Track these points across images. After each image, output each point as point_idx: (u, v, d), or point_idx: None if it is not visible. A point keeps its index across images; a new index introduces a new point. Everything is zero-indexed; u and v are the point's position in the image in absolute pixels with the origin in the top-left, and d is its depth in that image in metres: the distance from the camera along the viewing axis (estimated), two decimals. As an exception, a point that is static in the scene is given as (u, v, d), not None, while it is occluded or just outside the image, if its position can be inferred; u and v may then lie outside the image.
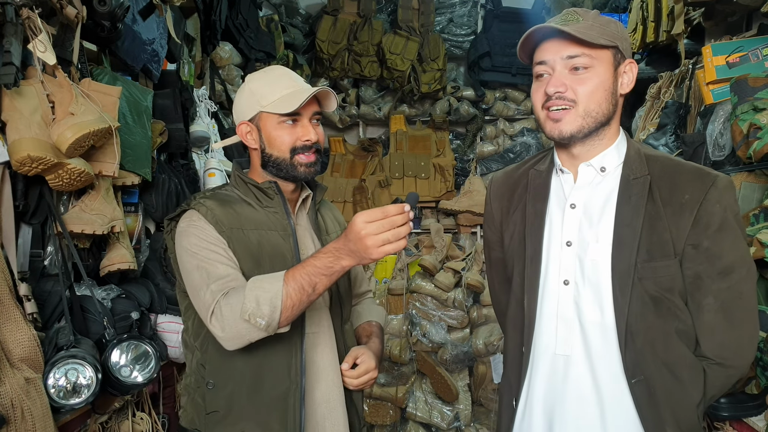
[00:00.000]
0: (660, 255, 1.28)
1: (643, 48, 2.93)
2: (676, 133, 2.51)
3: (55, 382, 1.61)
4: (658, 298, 1.29)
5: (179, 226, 1.49)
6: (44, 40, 1.65)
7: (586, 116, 1.29)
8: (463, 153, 4.92)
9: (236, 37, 3.54)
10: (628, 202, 1.30)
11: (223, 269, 1.41)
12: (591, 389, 1.33)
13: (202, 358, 1.52)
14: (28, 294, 1.66)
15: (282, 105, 1.49)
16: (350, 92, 4.93)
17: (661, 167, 1.33)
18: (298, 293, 1.32)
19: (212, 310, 1.35)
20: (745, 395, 1.78)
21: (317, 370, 1.55)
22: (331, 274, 1.33)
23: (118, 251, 2.00)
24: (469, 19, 5.02)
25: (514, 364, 1.46)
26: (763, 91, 1.84)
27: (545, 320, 1.38)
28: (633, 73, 1.33)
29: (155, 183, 2.30)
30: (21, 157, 1.59)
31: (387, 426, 4.01)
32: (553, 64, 1.30)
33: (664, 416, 1.29)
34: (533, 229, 1.40)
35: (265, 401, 1.47)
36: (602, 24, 1.29)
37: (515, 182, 1.50)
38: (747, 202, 1.96)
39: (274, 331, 1.35)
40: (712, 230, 1.26)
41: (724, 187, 1.28)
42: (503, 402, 1.51)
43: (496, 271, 1.60)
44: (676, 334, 1.30)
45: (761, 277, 1.81)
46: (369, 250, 1.24)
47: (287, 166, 1.52)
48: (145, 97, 2.27)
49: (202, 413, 1.51)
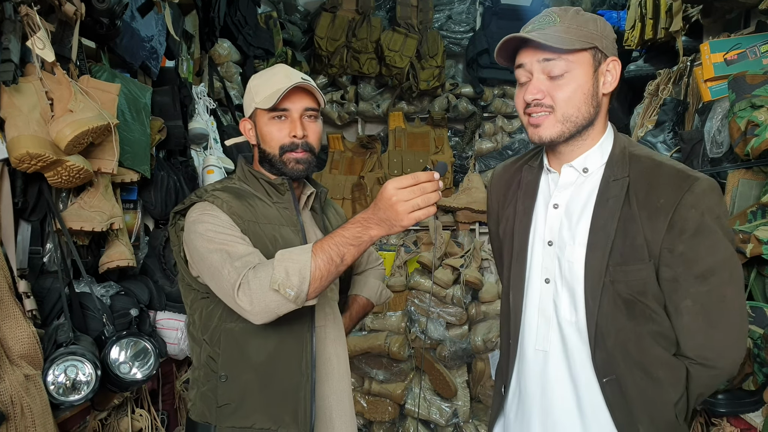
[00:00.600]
0: (633, 259, 1.28)
1: (641, 45, 2.93)
2: (675, 130, 2.51)
3: (54, 378, 1.61)
4: (630, 301, 1.29)
5: (190, 216, 1.49)
6: (43, 37, 1.65)
7: (565, 121, 1.29)
8: (462, 150, 4.91)
9: (235, 34, 3.53)
10: (604, 204, 1.31)
11: (244, 248, 1.40)
12: (569, 386, 1.36)
13: (212, 351, 1.52)
14: (28, 291, 1.66)
15: (268, 100, 1.52)
16: (349, 89, 4.93)
17: (642, 168, 1.32)
18: (326, 264, 1.32)
19: (239, 284, 1.33)
20: (743, 391, 1.78)
21: (326, 363, 1.59)
22: (360, 244, 1.33)
23: (117, 248, 2.00)
24: (467, 16, 5.02)
25: (505, 354, 1.51)
26: (761, 88, 1.84)
27: (529, 316, 1.41)
28: (616, 71, 1.32)
29: (154, 180, 2.30)
30: (20, 154, 1.59)
31: (386, 423, 4.02)
32: (530, 68, 1.29)
33: (637, 415, 1.30)
34: (521, 227, 1.43)
35: (277, 394, 1.49)
36: (580, 24, 1.27)
37: (511, 177, 1.52)
38: (744, 199, 1.96)
39: (303, 303, 1.34)
40: (687, 235, 1.25)
41: (702, 191, 1.25)
42: (495, 388, 1.56)
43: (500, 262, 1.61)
44: (650, 335, 1.30)
45: (759, 274, 1.81)
46: (400, 216, 1.25)
47: (277, 162, 1.55)
48: (143, 94, 2.27)
49: (213, 406, 1.51)
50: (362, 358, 4.03)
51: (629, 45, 2.99)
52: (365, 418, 4.04)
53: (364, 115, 4.96)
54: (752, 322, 1.73)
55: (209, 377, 1.53)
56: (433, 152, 4.79)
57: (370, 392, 4.02)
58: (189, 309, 1.60)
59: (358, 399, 4.01)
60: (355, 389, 4.12)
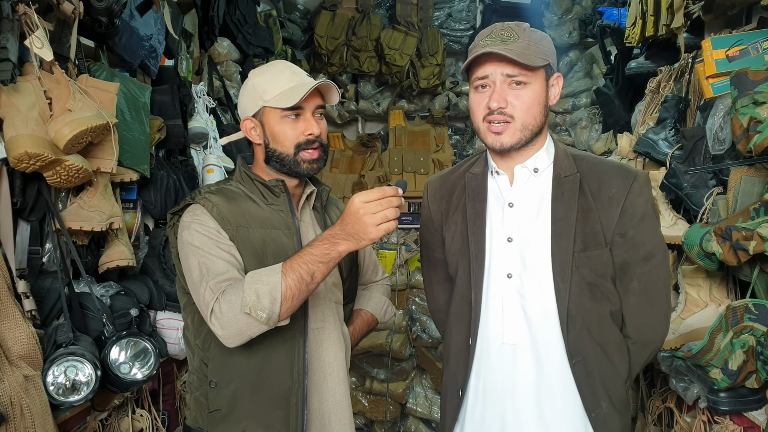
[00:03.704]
0: (593, 244, 1.42)
1: (642, 42, 2.91)
2: (676, 128, 2.50)
3: (54, 379, 1.61)
4: (593, 284, 1.42)
5: (182, 220, 1.48)
6: (41, 36, 1.64)
7: (524, 129, 1.40)
8: (462, 148, 4.91)
9: (234, 32, 3.53)
10: (561, 197, 1.43)
11: (222, 266, 1.39)
12: (535, 374, 1.44)
13: (204, 356, 1.51)
14: (27, 291, 1.65)
15: (284, 99, 1.48)
16: (349, 88, 4.92)
17: (589, 165, 1.47)
18: (297, 283, 1.32)
19: (211, 308, 1.34)
20: (746, 389, 1.78)
21: (324, 366, 1.56)
22: (329, 261, 1.33)
23: (116, 248, 1.99)
24: (467, 14, 5.01)
25: (459, 356, 1.53)
26: (763, 85, 1.83)
27: (491, 313, 1.47)
28: (559, 86, 1.46)
29: (154, 179, 2.29)
30: (18, 153, 1.59)
31: (387, 422, 4.02)
32: (494, 78, 1.38)
33: (599, 392, 1.43)
34: (475, 228, 1.50)
35: (267, 400, 1.47)
36: (536, 43, 1.38)
37: (452, 185, 1.59)
38: (747, 196, 1.95)
39: (275, 324, 1.35)
40: (636, 220, 1.41)
41: (644, 181, 1.44)
42: (448, 393, 1.58)
43: (434, 271, 1.69)
44: (610, 316, 1.45)
45: (762, 271, 1.80)
46: (368, 229, 1.26)
47: (290, 161, 1.52)
48: (143, 93, 2.26)
49: (204, 411, 1.50)
50: (363, 357, 4.02)
51: (630, 42, 2.98)
52: (366, 418, 4.04)
53: (364, 113, 4.95)
54: (755, 320, 1.72)
55: (201, 382, 1.51)
56: (433, 150, 4.79)
57: (371, 391, 4.02)
58: (183, 312, 1.58)
59: (360, 398, 4.00)
60: (357, 388, 4.12)
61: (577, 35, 4.47)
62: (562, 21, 4.53)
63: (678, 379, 2.02)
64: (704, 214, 2.14)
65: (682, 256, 2.29)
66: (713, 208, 2.11)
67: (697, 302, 2.10)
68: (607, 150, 3.91)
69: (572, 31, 4.48)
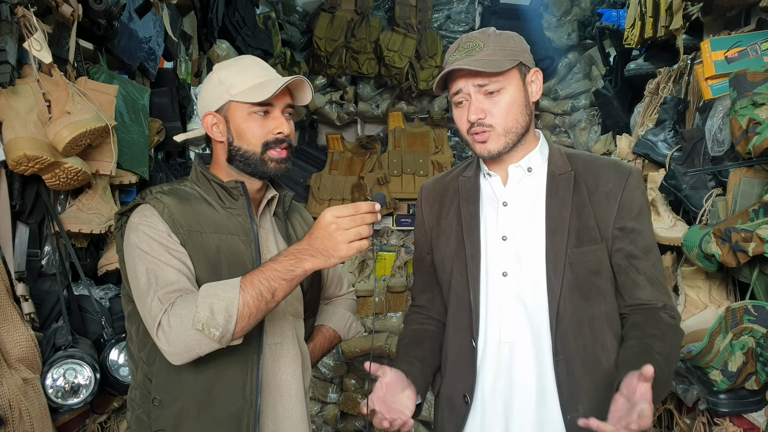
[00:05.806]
0: (588, 240, 1.42)
1: (641, 43, 2.92)
2: (675, 129, 2.50)
3: (53, 382, 1.61)
4: (586, 282, 1.42)
5: (131, 221, 1.36)
6: (40, 39, 1.64)
7: (507, 134, 1.41)
8: (462, 150, 4.91)
9: (233, 34, 3.53)
10: (555, 195, 1.44)
11: (173, 274, 1.29)
12: (533, 371, 1.42)
13: (148, 371, 1.39)
14: (26, 294, 1.65)
15: (253, 94, 1.39)
16: (348, 89, 4.92)
17: (583, 163, 1.48)
18: (256, 300, 1.23)
19: (159, 321, 1.23)
20: (746, 391, 1.78)
21: (280, 385, 1.45)
22: (292, 279, 1.24)
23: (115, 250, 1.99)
24: (466, 16, 5.01)
25: (462, 360, 1.49)
26: (762, 86, 1.83)
27: (491, 311, 1.46)
28: (539, 80, 1.45)
29: (153, 182, 2.29)
30: (17, 156, 1.59)
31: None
32: (467, 91, 1.39)
33: (578, 394, 1.39)
34: (470, 229, 1.49)
35: (216, 421, 1.36)
36: (503, 45, 1.39)
37: (445, 188, 1.60)
38: (746, 198, 1.95)
39: (227, 343, 1.25)
40: (634, 213, 1.43)
41: (638, 176, 1.46)
42: (449, 404, 1.52)
43: (421, 272, 1.66)
44: (604, 317, 1.43)
45: (761, 273, 1.80)
46: (339, 246, 1.19)
47: (257, 161, 1.42)
48: (141, 95, 2.26)
49: (147, 431, 1.38)
50: (362, 359, 4.02)
51: (629, 43, 2.98)
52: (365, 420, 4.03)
53: (363, 115, 4.95)
54: (755, 321, 1.72)
55: (144, 399, 1.39)
56: (433, 152, 4.79)
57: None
58: (127, 321, 1.45)
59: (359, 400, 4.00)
60: (356, 390, 4.12)
61: (576, 37, 4.48)
62: (561, 22, 4.53)
63: (678, 381, 2.02)
64: (703, 216, 2.14)
65: (681, 257, 2.29)
66: (712, 210, 2.11)
67: (697, 304, 2.10)
68: (606, 151, 3.90)
69: (571, 32, 4.49)
